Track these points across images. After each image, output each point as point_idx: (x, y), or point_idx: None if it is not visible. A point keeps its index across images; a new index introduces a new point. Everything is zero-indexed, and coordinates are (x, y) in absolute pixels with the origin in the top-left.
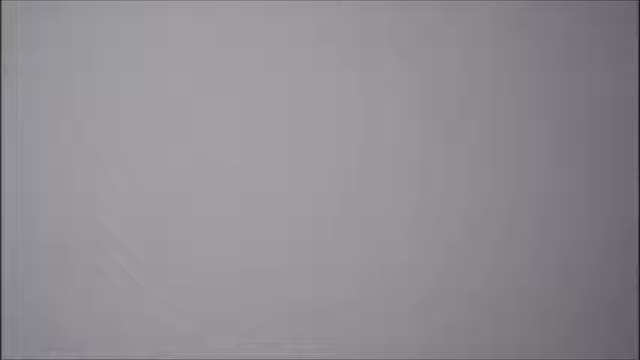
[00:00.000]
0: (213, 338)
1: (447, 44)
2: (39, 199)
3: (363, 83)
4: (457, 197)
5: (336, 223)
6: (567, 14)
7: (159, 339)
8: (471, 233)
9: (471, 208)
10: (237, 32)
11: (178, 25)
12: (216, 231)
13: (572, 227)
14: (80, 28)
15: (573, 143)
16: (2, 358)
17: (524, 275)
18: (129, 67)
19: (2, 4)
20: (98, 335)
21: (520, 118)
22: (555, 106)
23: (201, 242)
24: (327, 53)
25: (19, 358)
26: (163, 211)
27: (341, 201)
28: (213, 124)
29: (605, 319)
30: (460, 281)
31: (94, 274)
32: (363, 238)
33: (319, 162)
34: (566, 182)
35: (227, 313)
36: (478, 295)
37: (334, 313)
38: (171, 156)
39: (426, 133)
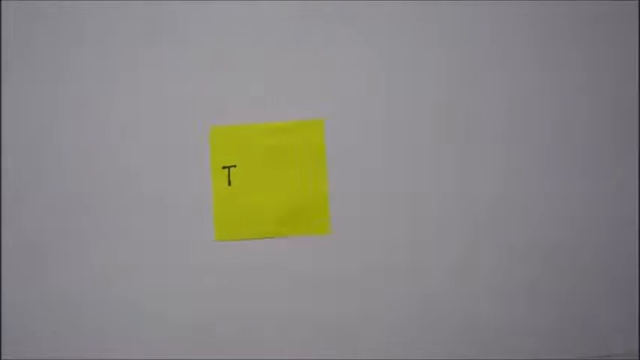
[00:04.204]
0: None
1: (448, 44)
2: (42, 198)
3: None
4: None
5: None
6: (567, 14)
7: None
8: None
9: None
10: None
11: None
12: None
13: (572, 228)
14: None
15: (573, 143)
16: (2, 358)
17: (527, 275)
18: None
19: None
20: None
21: (529, 117)
22: (556, 107)
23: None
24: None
25: (19, 358)
26: None
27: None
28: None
29: (606, 320)
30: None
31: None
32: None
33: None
34: (565, 182)
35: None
36: (479, 299)
37: None
38: None
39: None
